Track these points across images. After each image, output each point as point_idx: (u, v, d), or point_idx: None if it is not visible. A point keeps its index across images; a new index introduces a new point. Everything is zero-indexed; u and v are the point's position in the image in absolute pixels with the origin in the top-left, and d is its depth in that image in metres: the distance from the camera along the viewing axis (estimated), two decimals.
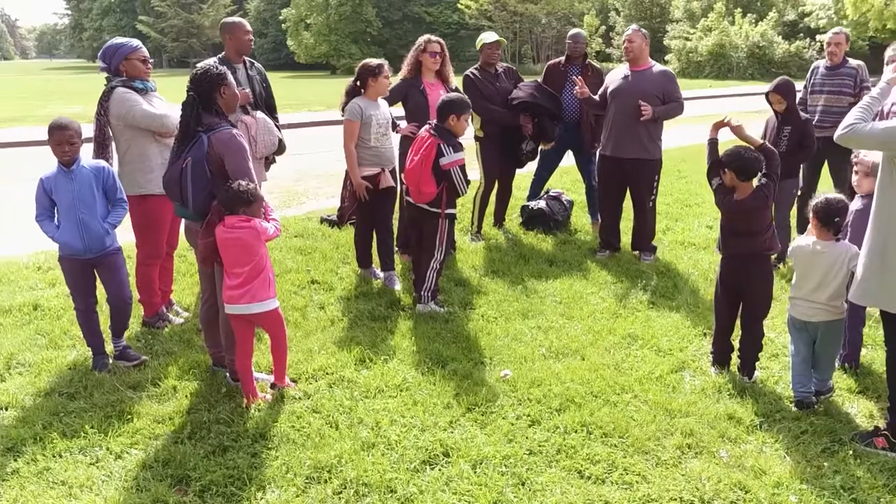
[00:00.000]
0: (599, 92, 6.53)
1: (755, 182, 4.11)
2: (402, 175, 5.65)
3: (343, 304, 5.43)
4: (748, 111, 20.62)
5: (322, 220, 7.55)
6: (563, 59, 7.25)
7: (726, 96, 26.43)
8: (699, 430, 3.71)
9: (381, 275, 5.95)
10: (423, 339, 4.76)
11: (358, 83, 5.65)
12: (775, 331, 4.94)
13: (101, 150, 4.80)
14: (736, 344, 4.40)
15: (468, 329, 4.97)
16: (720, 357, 4.38)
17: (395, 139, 5.95)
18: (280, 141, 5.63)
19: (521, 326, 5.00)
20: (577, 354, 4.58)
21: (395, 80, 6.13)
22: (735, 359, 4.39)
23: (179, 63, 63.29)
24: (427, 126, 5.28)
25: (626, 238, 6.77)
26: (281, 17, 55.71)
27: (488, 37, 6.85)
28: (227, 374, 4.22)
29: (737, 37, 39.96)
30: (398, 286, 5.80)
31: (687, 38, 42.61)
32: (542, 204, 7.39)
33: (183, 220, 4.34)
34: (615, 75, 6.41)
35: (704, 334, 4.89)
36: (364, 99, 5.61)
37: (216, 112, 3.97)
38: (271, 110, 5.89)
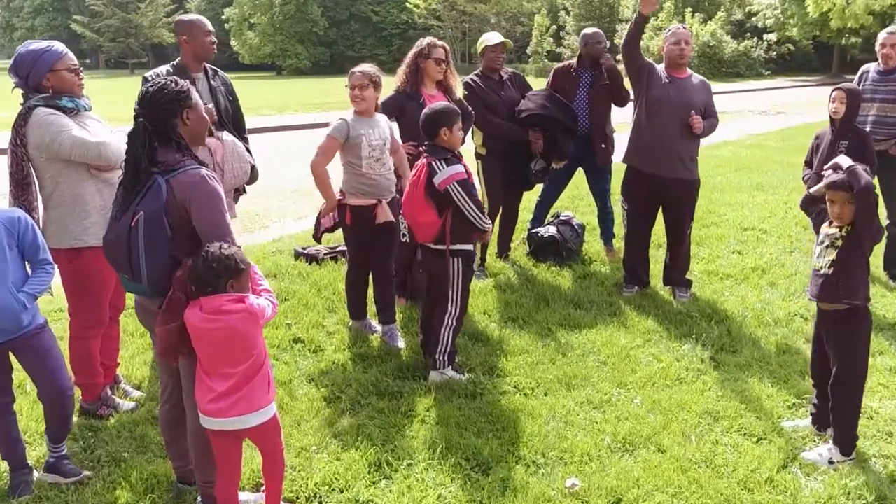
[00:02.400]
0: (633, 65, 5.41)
1: None
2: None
3: (338, 374, 4.33)
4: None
5: (297, 256, 6.40)
6: (573, 61, 6.25)
7: None
8: None
9: (379, 328, 4.88)
10: (451, 428, 3.70)
11: None
12: (875, 397, 4.06)
13: (22, 193, 3.59)
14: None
15: (502, 408, 3.93)
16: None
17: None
18: (252, 167, 4.55)
19: (567, 402, 3.98)
20: (651, 444, 3.58)
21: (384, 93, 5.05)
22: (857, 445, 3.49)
23: (117, 64, 60.65)
24: (422, 149, 4.29)
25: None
26: (224, 17, 53.82)
27: (491, 38, 5.80)
28: (199, 497, 3.11)
29: None
30: (401, 343, 4.74)
31: None
32: (552, 231, 6.39)
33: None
34: (652, 74, 5.37)
35: (794, 405, 3.97)
36: (355, 114, 4.54)
37: (177, 145, 2.86)
38: (239, 129, 4.77)
